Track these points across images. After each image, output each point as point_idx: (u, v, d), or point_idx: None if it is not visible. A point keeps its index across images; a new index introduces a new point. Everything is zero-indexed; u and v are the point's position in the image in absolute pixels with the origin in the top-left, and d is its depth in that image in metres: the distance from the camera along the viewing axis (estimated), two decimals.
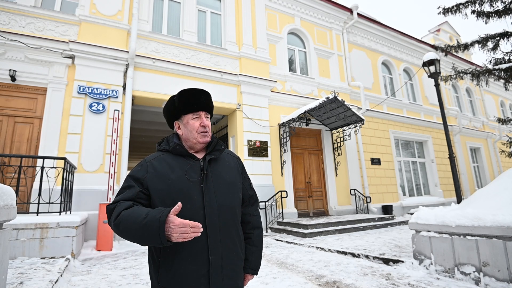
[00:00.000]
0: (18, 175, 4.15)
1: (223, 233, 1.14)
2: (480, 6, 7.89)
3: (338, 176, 9.40)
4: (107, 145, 6.34)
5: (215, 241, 1.11)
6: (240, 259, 1.22)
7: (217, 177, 1.21)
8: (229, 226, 1.17)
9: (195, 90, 1.25)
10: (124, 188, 1.15)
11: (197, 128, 1.22)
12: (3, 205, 1.67)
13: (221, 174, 1.23)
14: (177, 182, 1.13)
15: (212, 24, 8.69)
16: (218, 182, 1.19)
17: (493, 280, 2.99)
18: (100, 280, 3.60)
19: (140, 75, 7.07)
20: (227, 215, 1.17)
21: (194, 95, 1.24)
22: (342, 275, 3.66)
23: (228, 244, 1.15)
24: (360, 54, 11.63)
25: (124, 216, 1.03)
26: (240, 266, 1.21)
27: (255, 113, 8.32)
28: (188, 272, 1.06)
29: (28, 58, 6.09)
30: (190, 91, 1.25)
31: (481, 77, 7.92)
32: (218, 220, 1.13)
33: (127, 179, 1.17)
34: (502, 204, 3.21)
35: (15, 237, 3.97)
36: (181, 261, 1.07)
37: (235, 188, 1.25)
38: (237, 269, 1.19)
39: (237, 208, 1.24)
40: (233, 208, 1.21)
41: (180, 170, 1.16)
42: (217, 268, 1.10)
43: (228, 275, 1.13)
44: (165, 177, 1.14)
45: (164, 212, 0.97)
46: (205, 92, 1.27)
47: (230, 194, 1.21)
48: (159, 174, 1.15)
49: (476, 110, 15.96)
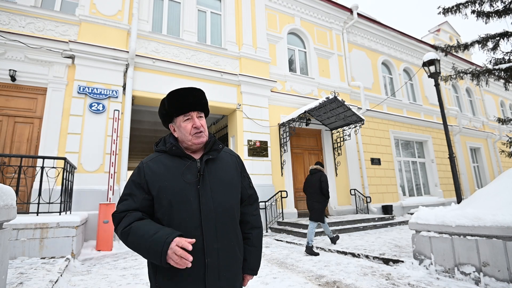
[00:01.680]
0: (18, 175, 4.15)
1: (220, 235, 1.13)
2: (480, 6, 7.89)
3: (338, 176, 9.40)
4: (107, 145, 6.33)
5: (212, 244, 1.10)
6: (238, 260, 1.20)
7: (215, 177, 1.19)
8: (226, 227, 1.16)
9: (183, 90, 1.20)
10: (127, 195, 1.15)
11: (190, 130, 1.18)
12: (3, 205, 1.67)
13: (219, 174, 1.21)
14: (174, 184, 1.12)
15: (212, 24, 8.69)
16: (215, 183, 1.17)
17: (493, 280, 2.99)
18: (100, 280, 3.60)
19: (140, 75, 7.07)
20: (225, 216, 1.16)
21: (182, 95, 1.19)
22: (342, 275, 3.67)
23: (226, 246, 1.14)
24: (360, 54, 11.63)
25: (134, 228, 1.06)
26: (238, 268, 1.20)
27: (255, 113, 8.32)
28: (184, 274, 1.05)
29: (28, 58, 6.09)
30: (178, 92, 1.19)
31: (481, 77, 7.92)
32: (215, 221, 1.12)
33: (129, 185, 1.16)
34: (502, 204, 3.21)
35: (15, 237, 3.97)
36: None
37: (233, 188, 1.23)
38: (235, 271, 1.18)
39: (235, 209, 1.23)
40: (230, 209, 1.19)
41: (176, 171, 1.15)
42: (213, 270, 1.09)
43: (225, 277, 1.12)
44: (161, 178, 1.13)
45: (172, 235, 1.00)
46: (194, 91, 1.21)
47: (227, 194, 1.19)
48: (155, 176, 1.14)
49: (476, 110, 15.96)
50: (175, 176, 1.14)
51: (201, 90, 1.25)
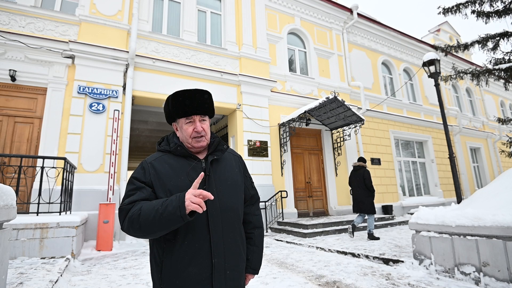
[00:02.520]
0: (18, 175, 4.14)
1: (226, 235, 1.13)
2: (480, 6, 7.90)
3: (338, 176, 9.40)
4: (107, 145, 6.33)
5: (218, 244, 1.10)
6: (243, 260, 1.21)
7: (220, 178, 1.18)
8: (232, 227, 1.16)
9: (188, 92, 1.17)
10: (134, 190, 1.11)
11: (191, 134, 1.17)
12: (3, 205, 1.67)
13: (224, 175, 1.21)
14: (179, 184, 1.10)
15: (212, 24, 8.69)
16: (220, 184, 1.17)
17: (493, 280, 2.99)
18: (100, 280, 3.60)
19: (140, 75, 7.06)
20: (230, 217, 1.16)
21: (187, 98, 1.16)
22: (342, 275, 3.66)
23: (231, 246, 1.14)
24: (360, 54, 11.63)
25: (144, 207, 1.02)
26: (242, 267, 1.20)
27: (255, 113, 8.32)
28: (191, 275, 1.05)
29: (28, 58, 6.08)
30: (183, 93, 1.17)
31: (481, 77, 7.93)
32: (221, 222, 1.12)
33: (133, 181, 1.13)
34: (502, 204, 3.21)
35: (15, 237, 3.97)
36: (183, 264, 1.06)
37: (237, 189, 1.23)
38: (240, 270, 1.18)
39: (240, 209, 1.23)
40: (236, 209, 1.19)
41: (182, 171, 1.14)
42: (220, 271, 1.09)
43: (231, 277, 1.12)
44: (167, 179, 1.12)
45: (183, 193, 1.00)
46: (200, 93, 1.19)
47: (233, 195, 1.20)
48: (160, 176, 1.12)
49: (476, 110, 15.96)
50: (180, 177, 1.13)
51: (208, 92, 1.22)
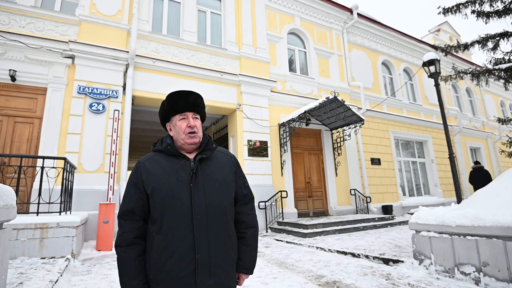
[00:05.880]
0: (18, 175, 4.14)
1: (211, 232, 1.15)
2: (480, 6, 7.88)
3: (338, 176, 9.40)
4: (107, 145, 6.33)
5: (202, 240, 1.13)
6: (231, 258, 1.22)
7: (208, 176, 1.22)
8: (218, 225, 1.18)
9: (182, 92, 1.27)
10: (126, 196, 1.23)
11: (184, 129, 1.24)
12: (3, 205, 1.67)
13: (212, 173, 1.24)
14: (167, 182, 1.16)
15: (212, 24, 8.69)
16: (208, 181, 1.21)
17: (493, 280, 2.99)
18: (100, 280, 3.60)
19: (140, 75, 7.06)
20: (216, 214, 1.18)
21: (181, 96, 1.26)
22: (342, 275, 3.67)
23: (217, 243, 1.16)
24: (360, 54, 11.63)
25: (119, 257, 1.17)
26: (230, 265, 1.22)
27: (255, 113, 8.32)
28: (175, 269, 1.09)
29: (28, 58, 6.08)
30: (177, 92, 1.27)
31: (481, 77, 7.91)
32: (206, 219, 1.15)
33: (127, 184, 1.24)
34: (502, 204, 3.21)
35: (15, 237, 3.97)
36: (169, 259, 1.10)
37: (226, 187, 1.26)
38: (227, 268, 1.19)
39: (228, 207, 1.25)
40: (222, 207, 1.21)
41: (171, 170, 1.19)
42: (204, 266, 1.11)
43: (216, 273, 1.14)
44: (156, 176, 1.18)
45: None
46: (192, 93, 1.28)
47: (220, 192, 1.22)
48: (150, 174, 1.19)
49: (476, 110, 15.96)
50: (169, 175, 1.18)
51: (199, 94, 1.32)
